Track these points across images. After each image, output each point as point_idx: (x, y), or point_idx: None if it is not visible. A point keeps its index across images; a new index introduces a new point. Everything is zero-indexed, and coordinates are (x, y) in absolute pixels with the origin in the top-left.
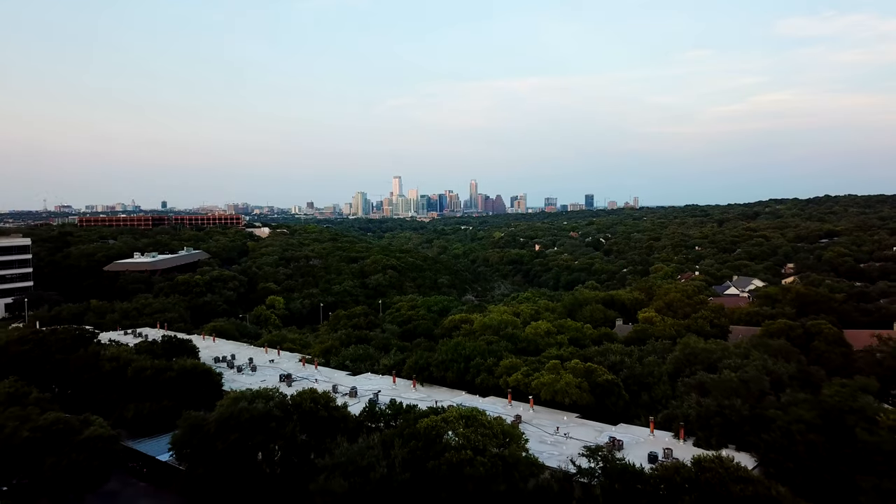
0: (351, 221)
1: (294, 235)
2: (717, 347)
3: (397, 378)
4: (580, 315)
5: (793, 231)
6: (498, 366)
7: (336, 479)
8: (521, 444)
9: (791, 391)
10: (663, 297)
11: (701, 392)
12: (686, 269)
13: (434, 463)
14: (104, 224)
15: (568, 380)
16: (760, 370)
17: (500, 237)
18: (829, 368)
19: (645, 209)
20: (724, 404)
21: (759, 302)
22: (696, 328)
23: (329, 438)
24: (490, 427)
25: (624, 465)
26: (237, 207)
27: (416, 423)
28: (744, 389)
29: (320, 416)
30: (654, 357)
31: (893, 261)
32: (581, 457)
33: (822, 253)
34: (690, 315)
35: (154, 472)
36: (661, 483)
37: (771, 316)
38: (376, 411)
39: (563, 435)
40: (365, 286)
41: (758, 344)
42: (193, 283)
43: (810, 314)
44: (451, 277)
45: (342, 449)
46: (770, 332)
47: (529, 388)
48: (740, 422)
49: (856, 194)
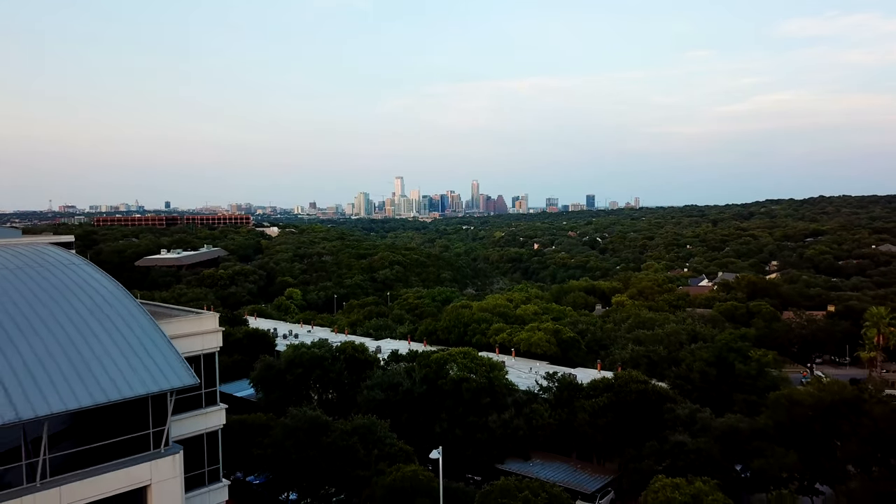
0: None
1: (303, 234)
2: (660, 317)
3: (412, 341)
4: (565, 301)
5: (781, 230)
6: (489, 330)
7: (375, 391)
8: (502, 373)
9: (700, 342)
10: (637, 285)
11: (637, 343)
12: (676, 266)
13: (442, 381)
14: (122, 224)
15: (540, 336)
16: (680, 329)
17: (500, 237)
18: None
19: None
20: (650, 349)
21: (719, 289)
22: (657, 308)
23: (366, 371)
24: (480, 360)
25: (570, 380)
26: (240, 207)
27: (429, 357)
28: (666, 340)
29: (358, 358)
30: (613, 325)
31: (870, 258)
32: (543, 380)
33: (804, 251)
34: (657, 299)
35: (233, 407)
36: (591, 389)
37: (724, 300)
38: (398, 355)
39: (535, 373)
40: (374, 280)
41: (696, 316)
42: (218, 276)
43: (758, 298)
44: (453, 273)
45: (378, 374)
46: (720, 311)
47: (512, 343)
48: (660, 361)
49: (850, 195)
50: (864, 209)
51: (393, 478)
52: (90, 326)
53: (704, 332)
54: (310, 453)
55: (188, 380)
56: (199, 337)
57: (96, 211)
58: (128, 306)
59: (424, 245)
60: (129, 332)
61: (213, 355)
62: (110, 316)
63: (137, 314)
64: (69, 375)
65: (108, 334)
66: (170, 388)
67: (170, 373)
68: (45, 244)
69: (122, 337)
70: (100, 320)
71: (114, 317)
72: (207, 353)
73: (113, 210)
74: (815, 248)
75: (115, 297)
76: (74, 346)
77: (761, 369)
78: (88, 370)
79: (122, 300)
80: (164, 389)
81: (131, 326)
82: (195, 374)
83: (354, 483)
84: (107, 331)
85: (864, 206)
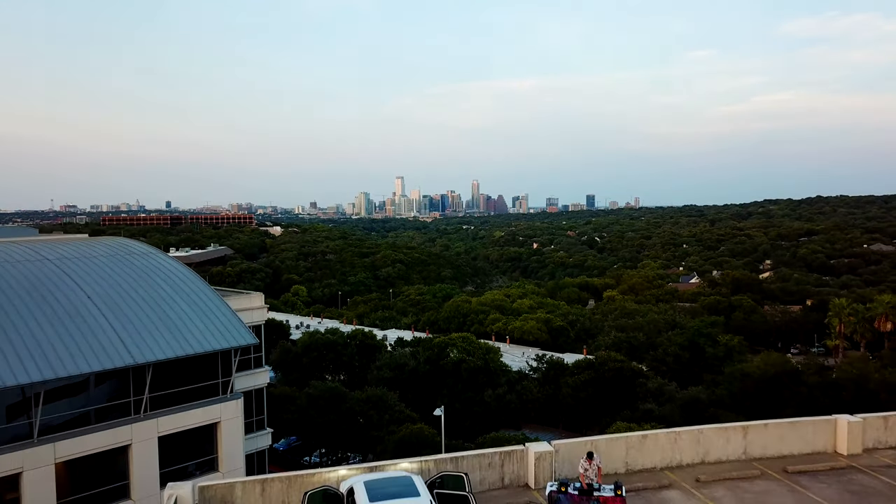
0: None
1: (306, 233)
2: (644, 308)
3: (415, 330)
4: (559, 296)
5: (776, 230)
6: (487, 320)
7: (384, 370)
8: (497, 356)
9: (678, 329)
10: (628, 281)
11: (620, 330)
12: (672, 265)
13: (443, 362)
14: (127, 223)
15: (532, 325)
16: (659, 318)
17: (500, 236)
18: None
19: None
20: (630, 336)
21: (705, 285)
22: (644, 302)
23: (375, 354)
24: (478, 345)
25: (557, 360)
26: (241, 207)
27: (432, 342)
28: (646, 328)
29: (368, 343)
30: (601, 316)
31: (861, 257)
32: (534, 361)
33: (797, 250)
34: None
35: None
36: (575, 367)
37: (709, 294)
38: (404, 341)
39: (526, 357)
40: (377, 277)
41: (679, 309)
42: (226, 273)
43: (741, 293)
44: (453, 271)
45: (386, 356)
46: (703, 305)
47: (507, 331)
48: (639, 345)
49: (847, 195)
50: (861, 209)
51: (402, 434)
52: (173, 298)
53: (682, 321)
54: (331, 417)
55: (250, 339)
56: (248, 312)
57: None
58: (198, 284)
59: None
60: (202, 303)
61: (259, 326)
62: (186, 291)
63: (206, 290)
64: (164, 334)
65: (188, 304)
66: (236, 345)
67: (236, 334)
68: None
69: (197, 307)
70: (179, 294)
71: (189, 292)
72: (255, 325)
73: (114, 209)
74: (807, 248)
75: (188, 276)
76: (165, 312)
77: (729, 352)
78: (178, 330)
79: (193, 279)
80: (232, 346)
81: (203, 299)
82: (255, 336)
83: (369, 442)
84: (186, 302)
85: (861, 207)
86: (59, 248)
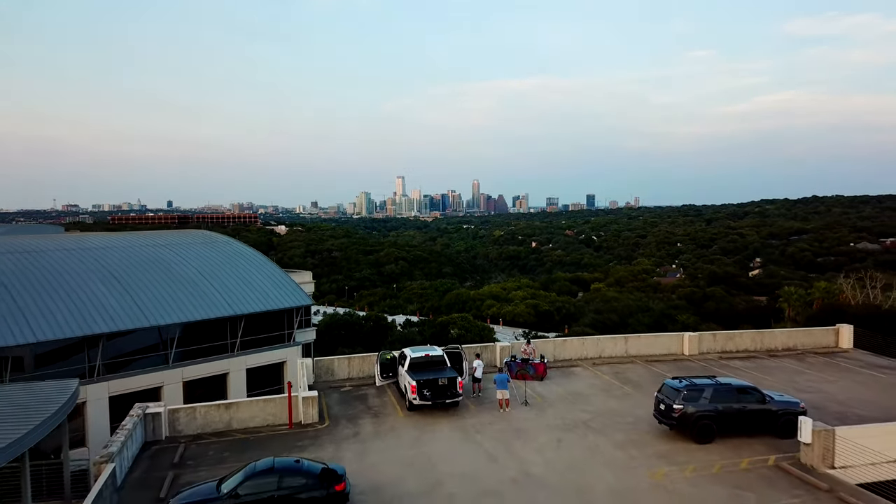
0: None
1: (311, 232)
2: (621, 295)
3: (420, 315)
4: (551, 289)
5: (768, 229)
6: (483, 305)
7: (395, 345)
8: (492, 333)
9: (648, 312)
10: (615, 275)
11: (597, 313)
12: (665, 263)
13: (446, 338)
14: (137, 222)
15: (522, 308)
16: (633, 303)
17: (499, 235)
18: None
19: (643, 209)
20: (605, 317)
21: (685, 279)
22: (626, 292)
23: (387, 332)
24: (475, 324)
25: (542, 336)
26: (242, 206)
27: (436, 321)
28: (620, 309)
29: (381, 323)
30: (583, 303)
31: (847, 255)
32: (521, 337)
33: (786, 248)
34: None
35: None
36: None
37: (687, 286)
38: (411, 322)
39: (515, 335)
40: (381, 273)
41: (651, 296)
42: None
43: (716, 285)
44: (453, 268)
45: (396, 333)
46: (679, 296)
47: (500, 314)
48: (613, 325)
49: (843, 195)
50: (855, 209)
51: None
52: (251, 271)
53: (654, 305)
54: None
55: (307, 301)
56: (302, 284)
57: (99, 210)
58: (267, 261)
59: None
60: (272, 275)
61: (309, 296)
62: (260, 266)
63: (274, 266)
64: (250, 295)
65: (262, 275)
66: (298, 305)
67: (298, 297)
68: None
69: (268, 277)
70: (255, 268)
71: (261, 266)
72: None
73: (115, 209)
74: (796, 246)
75: (259, 256)
76: (247, 280)
77: (685, 328)
78: (258, 293)
79: (264, 260)
80: (295, 306)
81: (272, 272)
82: (310, 299)
83: None
84: (260, 273)
85: (855, 206)
86: (164, 237)
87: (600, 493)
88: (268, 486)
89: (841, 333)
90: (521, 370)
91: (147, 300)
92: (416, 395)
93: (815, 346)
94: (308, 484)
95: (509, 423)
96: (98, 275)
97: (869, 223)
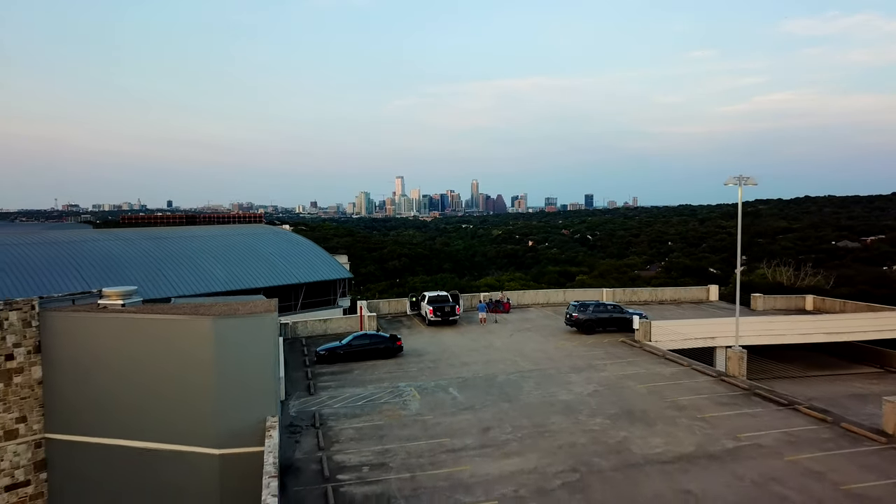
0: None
1: (314, 231)
2: (595, 281)
3: None
4: (541, 281)
5: (756, 228)
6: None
7: None
8: None
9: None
10: (599, 268)
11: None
12: (655, 260)
13: None
14: (147, 221)
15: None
16: None
17: (498, 234)
18: None
19: (641, 209)
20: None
21: (662, 271)
22: (609, 285)
23: None
24: None
25: None
26: (241, 206)
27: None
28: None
29: None
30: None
31: (827, 252)
32: None
33: (771, 247)
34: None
35: None
36: None
37: (662, 277)
38: None
39: None
40: (384, 269)
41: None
42: None
43: (687, 276)
44: (452, 265)
45: None
46: (654, 285)
47: None
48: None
49: (835, 195)
50: (845, 209)
51: None
52: (306, 252)
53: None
54: None
55: (348, 275)
56: (342, 264)
57: (100, 210)
58: (316, 247)
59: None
60: (321, 255)
61: (348, 271)
62: (311, 249)
63: (320, 249)
64: (305, 269)
65: (314, 255)
66: (341, 277)
67: (341, 272)
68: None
69: (318, 257)
70: (309, 250)
71: (312, 249)
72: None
73: (116, 209)
74: (779, 244)
75: (310, 243)
76: (304, 258)
77: None
78: (312, 267)
79: (313, 245)
80: (339, 278)
81: (320, 254)
82: (350, 272)
83: None
84: (313, 254)
85: (846, 207)
86: (243, 229)
87: (529, 350)
88: (364, 341)
89: (710, 291)
90: (495, 307)
91: (241, 272)
92: (433, 315)
93: (693, 298)
94: (384, 339)
95: (485, 329)
96: (206, 255)
97: (854, 222)
